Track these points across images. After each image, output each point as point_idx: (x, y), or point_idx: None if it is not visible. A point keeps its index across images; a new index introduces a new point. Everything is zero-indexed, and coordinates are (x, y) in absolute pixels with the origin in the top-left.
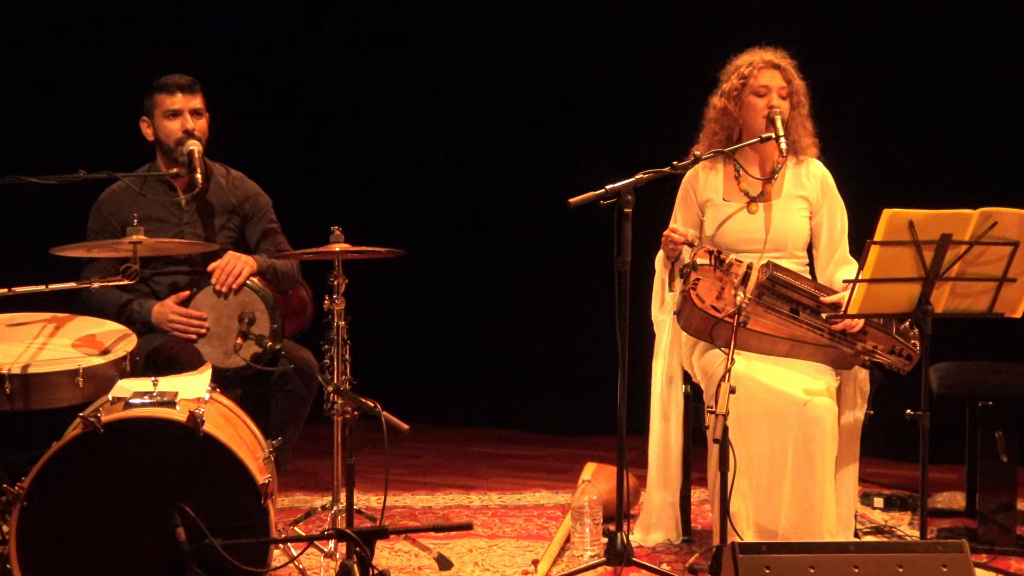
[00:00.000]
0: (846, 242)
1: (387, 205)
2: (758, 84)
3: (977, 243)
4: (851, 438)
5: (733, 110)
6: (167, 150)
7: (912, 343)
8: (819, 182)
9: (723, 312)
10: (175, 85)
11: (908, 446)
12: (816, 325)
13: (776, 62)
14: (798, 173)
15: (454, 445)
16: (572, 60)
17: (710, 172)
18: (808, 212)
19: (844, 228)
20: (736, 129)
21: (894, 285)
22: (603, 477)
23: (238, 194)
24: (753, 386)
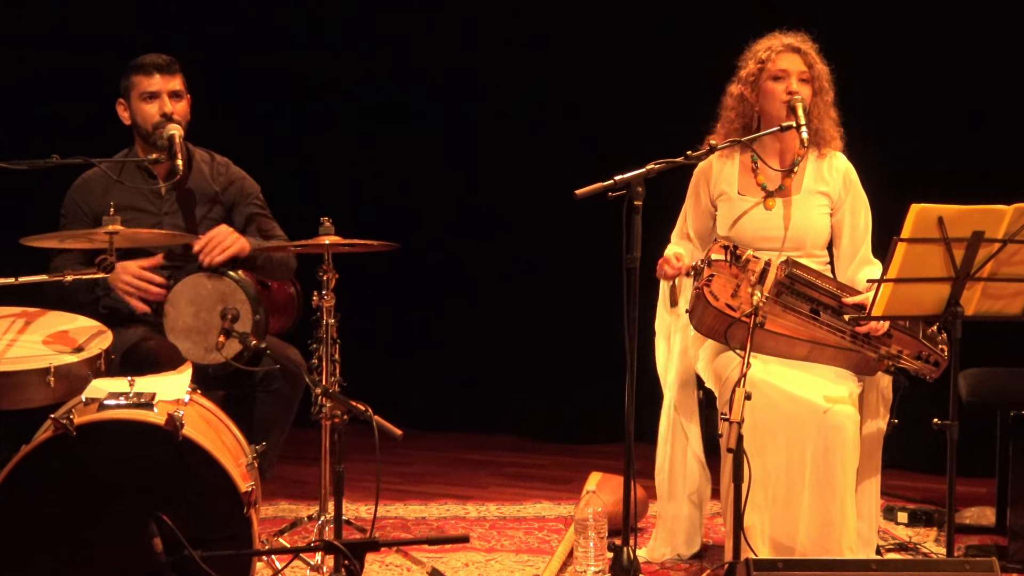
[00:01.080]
0: (869, 241)
1: (381, 196)
2: (776, 68)
3: (1011, 241)
4: (874, 448)
5: (750, 96)
6: (145, 134)
7: (940, 348)
8: (842, 177)
9: (739, 311)
10: (152, 65)
11: (935, 457)
12: (838, 327)
13: (796, 45)
14: (820, 167)
15: (450, 452)
16: (577, 46)
17: (725, 163)
18: (829, 209)
19: (868, 226)
20: (754, 117)
21: (921, 285)
22: (609, 488)
23: (222, 181)
24: (770, 392)
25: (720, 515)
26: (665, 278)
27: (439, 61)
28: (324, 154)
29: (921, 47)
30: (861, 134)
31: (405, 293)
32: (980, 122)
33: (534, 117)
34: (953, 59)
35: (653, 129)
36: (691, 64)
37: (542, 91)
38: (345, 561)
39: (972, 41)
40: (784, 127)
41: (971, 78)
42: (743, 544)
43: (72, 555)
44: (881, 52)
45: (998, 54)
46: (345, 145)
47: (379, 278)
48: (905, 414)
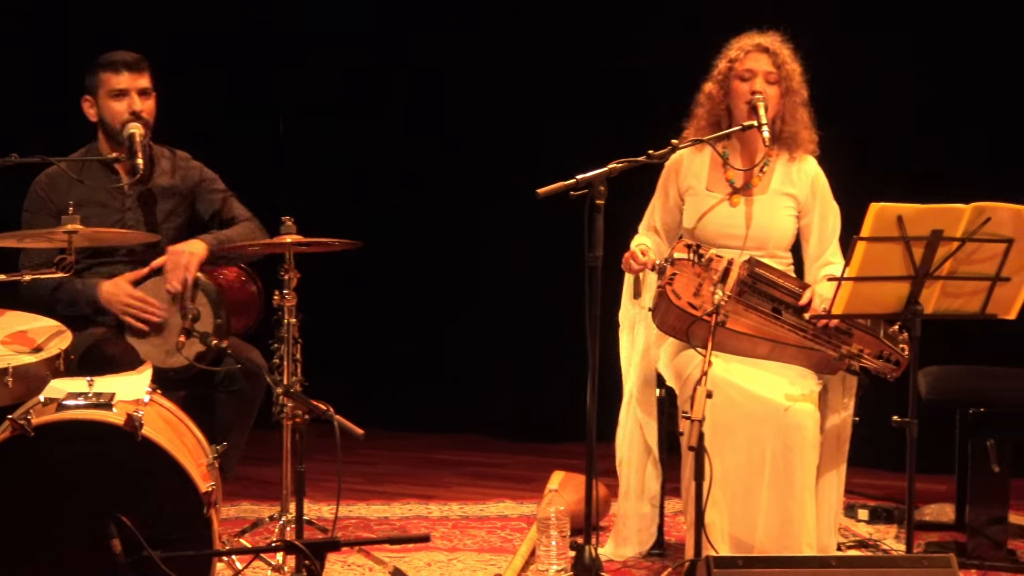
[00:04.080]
0: (836, 245)
1: (342, 195)
2: (743, 68)
3: (969, 240)
4: (835, 447)
5: (717, 95)
6: (112, 132)
7: (900, 347)
8: (810, 181)
9: (700, 310)
10: (121, 63)
11: (895, 455)
12: (799, 326)
13: (766, 45)
14: (789, 170)
15: (413, 452)
16: (542, 44)
17: (695, 157)
18: (795, 211)
19: (836, 232)
20: (723, 116)
21: (882, 284)
22: (571, 486)
23: (183, 175)
24: (731, 390)
25: (682, 513)
26: (630, 271)
27: (401, 58)
28: (285, 152)
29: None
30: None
31: (369, 292)
32: (940, 122)
33: (498, 116)
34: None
35: (618, 128)
36: (659, 63)
37: (507, 89)
38: (306, 561)
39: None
40: (745, 126)
41: (931, 79)
42: (704, 542)
43: (31, 556)
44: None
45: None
46: (308, 143)
47: (343, 277)
48: (866, 412)
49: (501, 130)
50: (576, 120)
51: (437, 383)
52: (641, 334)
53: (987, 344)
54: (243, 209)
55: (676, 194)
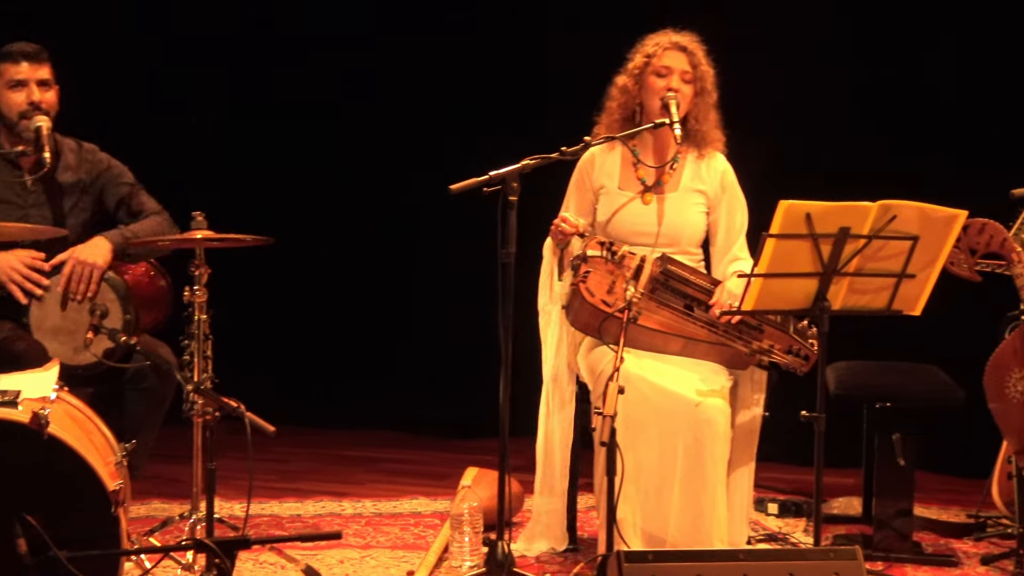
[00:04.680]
0: (743, 240)
1: (254, 190)
2: (660, 64)
3: (876, 237)
4: (746, 441)
5: (632, 89)
6: (10, 124)
7: (810, 342)
8: (719, 177)
9: (613, 307)
10: (20, 53)
11: (804, 450)
12: (711, 322)
13: (684, 44)
14: (698, 167)
15: (326, 448)
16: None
17: (607, 156)
18: (705, 208)
19: (743, 227)
20: (636, 111)
21: (790, 280)
22: (484, 483)
23: (89, 169)
24: (643, 386)
25: (595, 509)
26: (563, 238)
27: (314, 53)
28: (197, 147)
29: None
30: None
31: (283, 289)
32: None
33: (413, 112)
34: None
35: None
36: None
37: (421, 86)
38: (216, 560)
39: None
40: (657, 124)
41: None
42: (616, 537)
43: None
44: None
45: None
46: (218, 138)
47: (254, 273)
48: (776, 407)
49: (415, 126)
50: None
51: (351, 380)
52: (555, 329)
53: (893, 340)
54: (152, 202)
55: (591, 192)
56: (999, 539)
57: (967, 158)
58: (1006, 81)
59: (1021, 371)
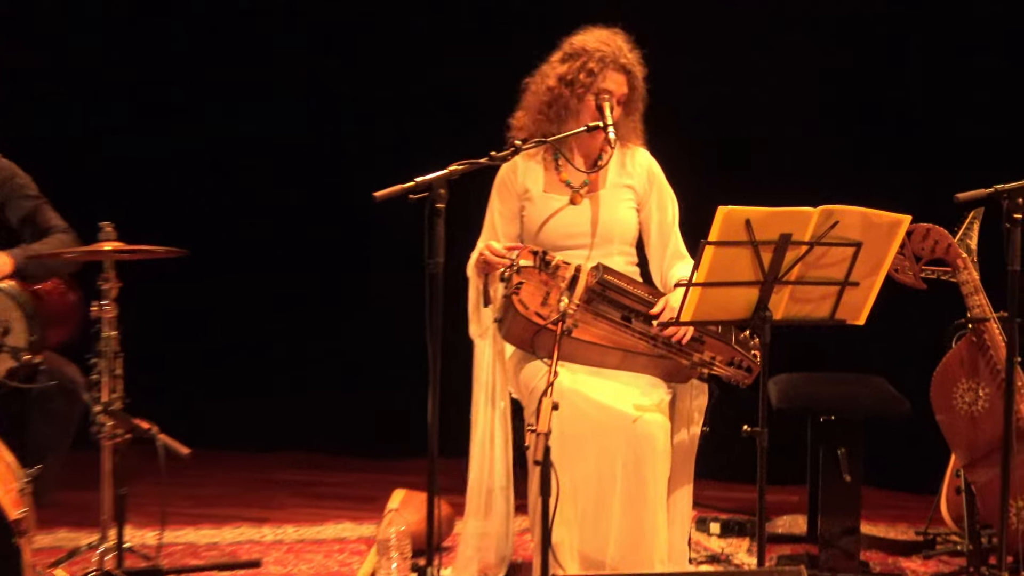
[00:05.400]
0: (678, 234)
1: (166, 200)
2: (603, 87)
3: (818, 243)
4: (685, 458)
5: (565, 95)
6: None
7: (752, 353)
8: (645, 171)
9: (548, 319)
10: None
11: (746, 466)
12: (649, 334)
13: (628, 67)
14: (623, 161)
15: (245, 472)
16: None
17: (530, 161)
18: (635, 203)
19: (675, 219)
20: (564, 114)
21: (730, 289)
22: (413, 506)
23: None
24: (579, 401)
25: (529, 531)
26: (490, 269)
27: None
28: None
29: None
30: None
31: (197, 303)
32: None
33: (332, 118)
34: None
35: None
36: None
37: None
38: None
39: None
40: (591, 127)
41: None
42: (552, 561)
43: None
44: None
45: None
46: (128, 146)
47: (166, 287)
48: (717, 422)
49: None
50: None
51: (271, 398)
52: (488, 343)
53: (837, 351)
54: (58, 218)
55: (515, 200)
56: (948, 557)
57: (911, 161)
58: (951, 80)
59: (968, 382)
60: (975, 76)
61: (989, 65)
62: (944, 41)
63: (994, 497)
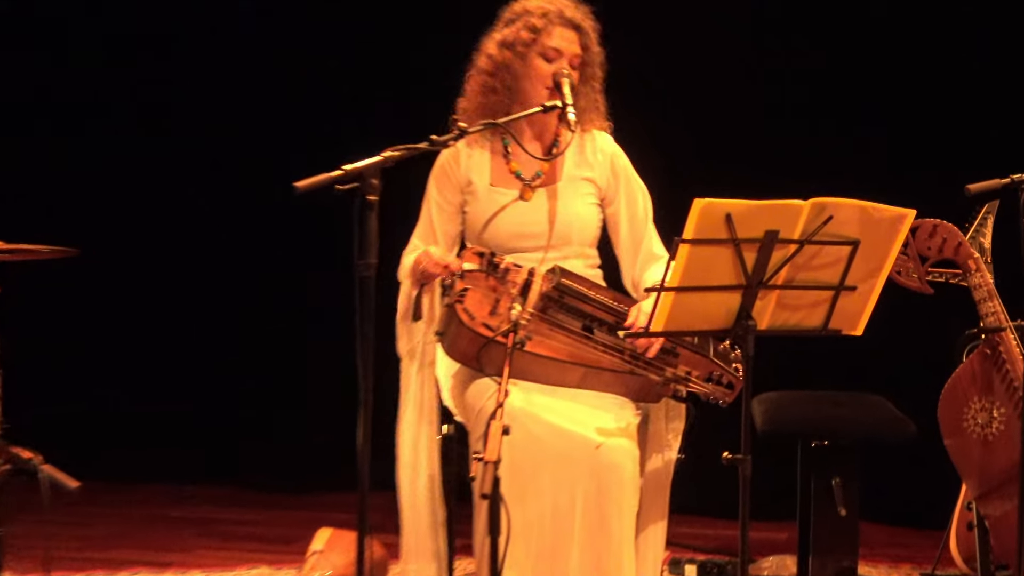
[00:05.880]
0: (652, 231)
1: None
2: (550, 45)
3: (809, 242)
4: (657, 490)
5: (514, 65)
6: None
7: (734, 367)
8: (609, 160)
9: (497, 331)
10: None
11: (727, 499)
12: (615, 346)
13: (577, 21)
14: (582, 148)
15: (145, 509)
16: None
17: (474, 148)
18: (596, 198)
19: (648, 214)
20: (515, 91)
21: (708, 294)
22: (341, 546)
23: None
24: (533, 425)
25: (475, 574)
26: (428, 279)
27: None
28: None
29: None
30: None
31: (90, 311)
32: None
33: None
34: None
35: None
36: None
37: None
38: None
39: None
40: (548, 107)
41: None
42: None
43: None
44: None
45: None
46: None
47: (55, 293)
48: (694, 448)
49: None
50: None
51: (174, 422)
52: (420, 361)
53: (831, 365)
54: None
55: (456, 193)
56: None
57: (915, 148)
58: (959, 59)
59: (982, 401)
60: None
61: (1007, 45)
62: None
63: (1010, 533)
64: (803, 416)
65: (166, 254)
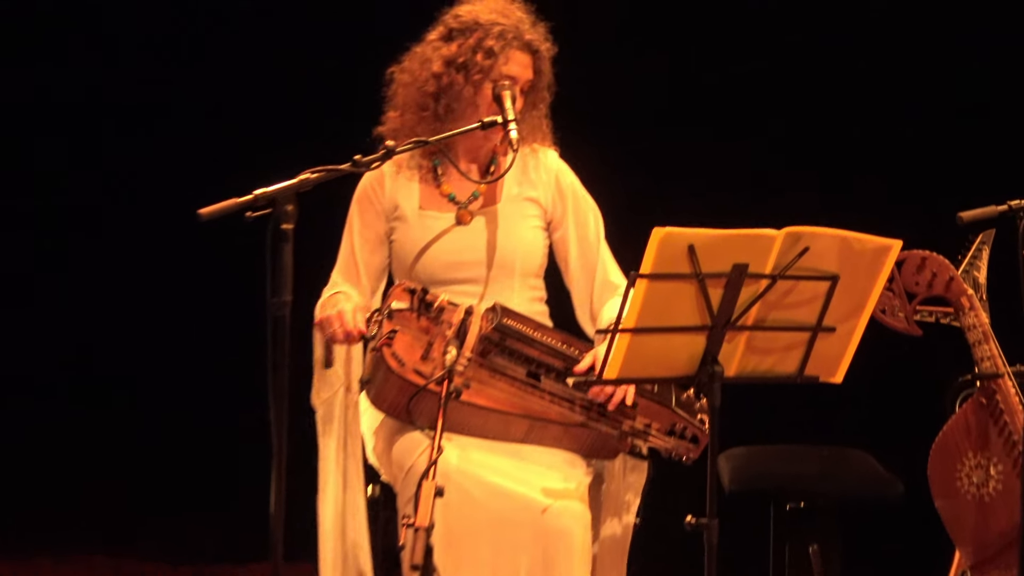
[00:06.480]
0: (607, 255)
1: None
2: (505, 72)
3: (782, 276)
4: (613, 559)
5: (465, 91)
6: None
7: (699, 419)
8: (553, 180)
9: (430, 377)
10: None
11: (691, 567)
12: (564, 396)
13: (536, 45)
14: (524, 166)
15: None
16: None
17: (401, 169)
18: (542, 221)
19: (600, 236)
20: (457, 113)
21: (669, 337)
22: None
23: None
24: (470, 485)
25: None
26: (334, 339)
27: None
28: None
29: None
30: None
31: None
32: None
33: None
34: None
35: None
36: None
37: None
38: None
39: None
40: (486, 123)
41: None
42: None
43: None
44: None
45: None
46: None
47: None
48: (652, 510)
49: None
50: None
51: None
52: (339, 413)
53: (808, 416)
54: None
55: (382, 221)
56: None
57: (902, 172)
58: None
59: (977, 457)
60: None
61: (1001, 62)
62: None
63: None
64: (776, 474)
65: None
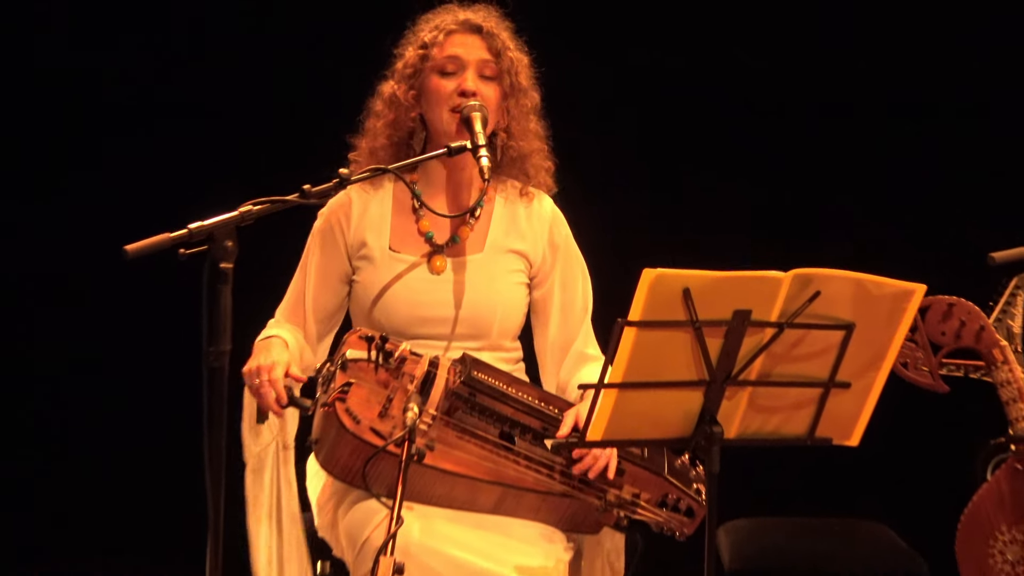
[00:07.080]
0: (589, 328)
1: None
2: (444, 55)
3: (791, 325)
4: None
5: (406, 99)
6: None
7: (695, 488)
8: (547, 229)
9: (390, 438)
10: None
11: None
12: (542, 460)
13: (477, 23)
14: (515, 213)
15: None
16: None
17: (371, 200)
18: (526, 277)
19: (587, 305)
20: (416, 131)
21: (661, 393)
22: None
23: None
24: (435, 562)
25: None
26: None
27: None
28: None
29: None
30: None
31: None
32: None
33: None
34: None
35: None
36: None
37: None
38: None
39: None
40: (454, 149)
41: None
42: None
43: None
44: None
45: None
46: None
47: None
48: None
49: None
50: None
51: None
52: (271, 478)
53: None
54: None
55: (343, 256)
56: None
57: (925, 208)
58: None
59: (1011, 530)
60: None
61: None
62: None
63: None
64: (782, 549)
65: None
